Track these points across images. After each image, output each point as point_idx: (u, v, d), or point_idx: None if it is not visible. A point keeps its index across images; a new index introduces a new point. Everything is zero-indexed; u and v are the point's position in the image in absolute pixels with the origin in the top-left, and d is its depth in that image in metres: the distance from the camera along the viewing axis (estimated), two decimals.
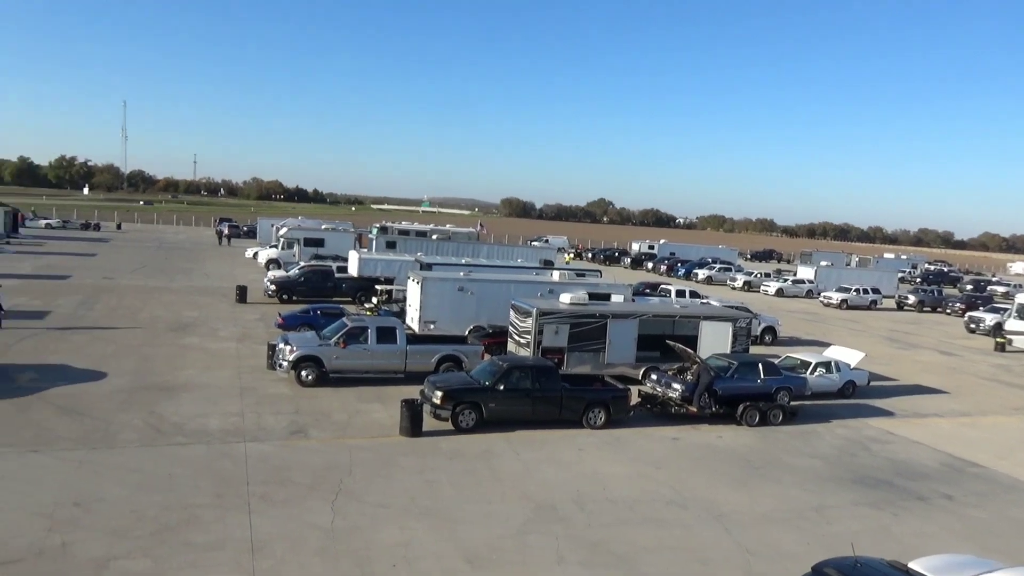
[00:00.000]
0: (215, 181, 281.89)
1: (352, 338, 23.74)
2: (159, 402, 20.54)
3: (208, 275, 50.02)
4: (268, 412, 20.41)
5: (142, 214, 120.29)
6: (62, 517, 13.29)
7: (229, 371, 24.55)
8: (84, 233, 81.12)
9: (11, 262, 49.85)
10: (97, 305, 35.29)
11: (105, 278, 44.91)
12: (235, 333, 30.84)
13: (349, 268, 42.84)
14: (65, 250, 60.35)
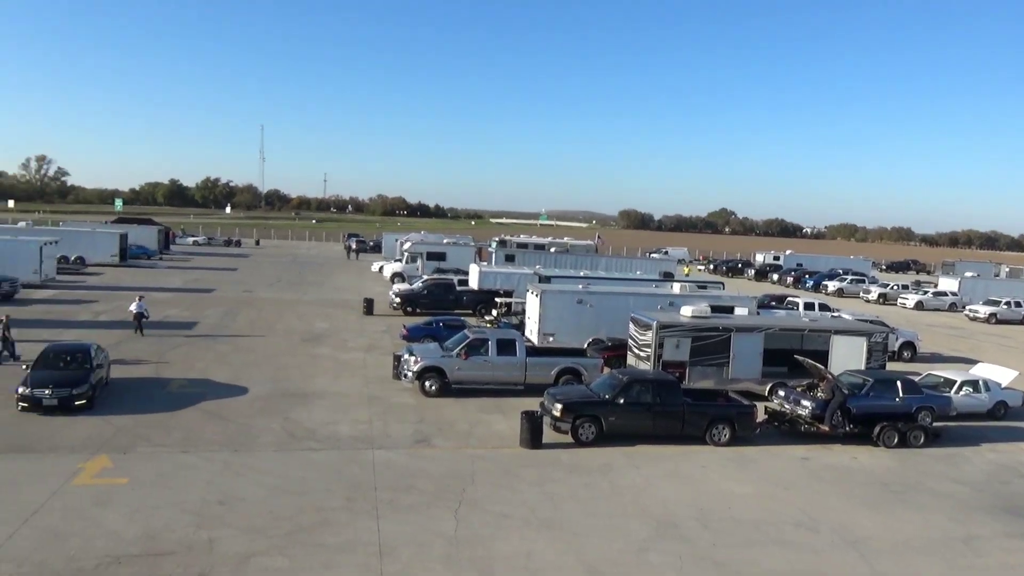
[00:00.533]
0: (343, 198, 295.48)
1: (473, 350, 24.20)
2: (294, 409, 21.69)
3: (337, 288, 52.43)
4: (394, 420, 21.12)
5: (277, 230, 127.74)
6: (208, 514, 14.27)
7: (357, 380, 25.59)
8: (226, 249, 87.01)
9: (164, 276, 54.21)
10: (238, 317, 37.74)
11: (245, 291, 47.97)
12: (363, 344, 32.13)
13: (470, 281, 43.71)
14: (210, 265, 64.94)
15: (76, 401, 19.69)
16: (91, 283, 47.76)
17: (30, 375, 20.14)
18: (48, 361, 20.99)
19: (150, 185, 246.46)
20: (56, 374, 20.22)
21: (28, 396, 19.49)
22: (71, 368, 20.71)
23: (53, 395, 19.47)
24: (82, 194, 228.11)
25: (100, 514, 13.99)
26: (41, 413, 19.33)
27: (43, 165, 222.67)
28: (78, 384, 19.95)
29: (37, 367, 20.63)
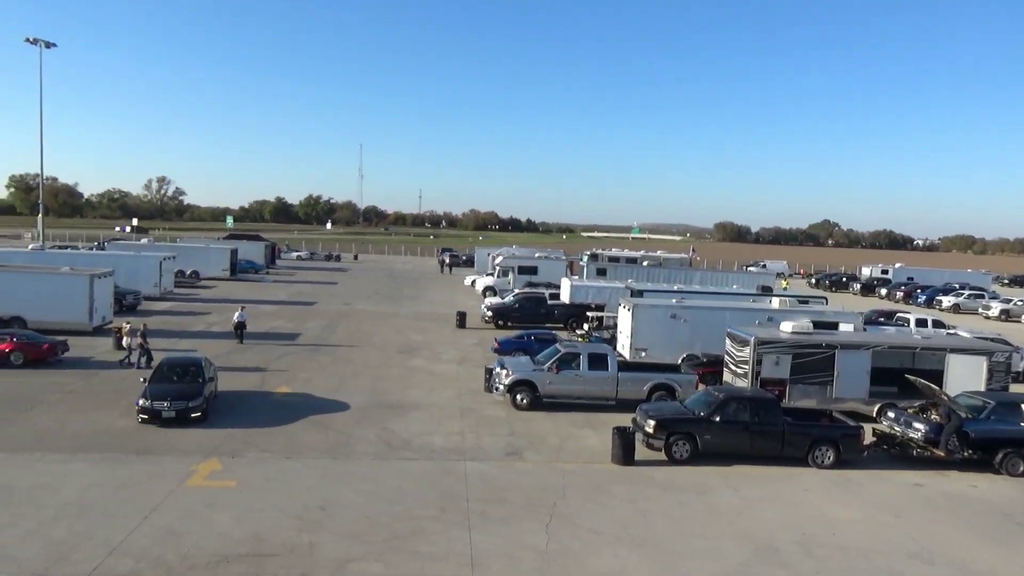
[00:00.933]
0: (437, 214, 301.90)
1: (565, 364, 24.19)
2: (390, 419, 22.24)
3: (432, 302, 53.50)
4: (486, 433, 21.33)
5: (375, 245, 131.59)
6: (310, 519, 14.80)
7: (451, 392, 26.01)
8: (327, 263, 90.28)
9: (270, 290, 56.76)
10: (338, 329, 39.06)
11: (344, 304, 49.63)
12: (456, 356, 32.65)
13: (561, 295, 43.74)
14: (312, 279, 67.53)
15: (192, 414, 20.47)
16: (204, 296, 50.52)
17: (148, 388, 20.91)
18: (164, 374, 21.82)
19: (258, 203, 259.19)
20: (172, 387, 21.03)
21: (148, 409, 20.27)
22: (185, 381, 21.54)
23: (171, 408, 20.25)
24: (197, 212, 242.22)
25: (211, 514, 14.75)
26: (159, 425, 20.14)
27: (163, 186, 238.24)
28: (193, 397, 20.74)
29: (154, 380, 21.45)
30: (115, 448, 18.42)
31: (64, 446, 18.41)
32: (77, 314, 33.31)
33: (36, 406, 21.85)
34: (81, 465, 17.14)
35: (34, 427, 19.88)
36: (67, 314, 33.17)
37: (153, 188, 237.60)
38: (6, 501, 14.91)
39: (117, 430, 19.86)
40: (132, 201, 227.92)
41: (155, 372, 22.04)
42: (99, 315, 34.16)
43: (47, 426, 20.00)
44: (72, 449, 18.21)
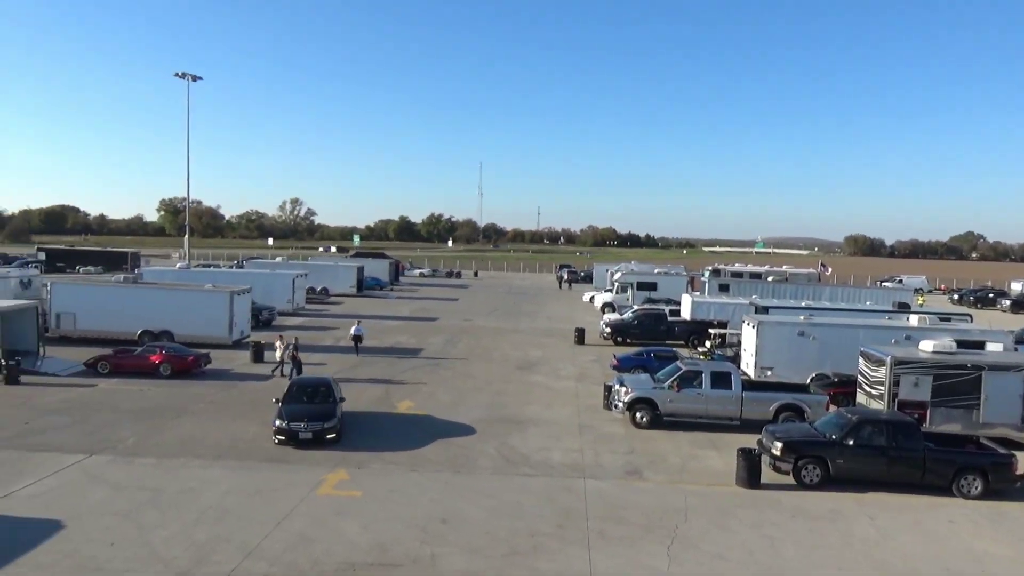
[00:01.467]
0: (556, 230, 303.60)
1: (686, 382, 23.59)
2: (510, 434, 22.41)
3: (550, 318, 53.67)
4: (605, 450, 21.08)
5: (494, 262, 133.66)
6: (432, 531, 15.09)
7: (569, 409, 25.92)
8: (448, 280, 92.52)
9: (394, 306, 58.74)
10: (459, 344, 39.86)
11: (465, 320, 50.61)
12: (574, 373, 32.54)
13: (681, 311, 42.81)
14: (433, 295, 69.36)
15: (328, 435, 20.39)
16: (333, 311, 52.89)
17: (283, 409, 20.94)
18: (296, 395, 21.92)
19: (383, 222, 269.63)
20: (307, 408, 21.07)
21: (285, 430, 20.25)
22: (317, 402, 21.67)
23: (308, 429, 20.20)
24: (326, 231, 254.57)
25: (339, 523, 15.33)
26: (295, 446, 20.12)
27: (296, 207, 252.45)
28: (329, 418, 20.71)
29: (288, 401, 21.53)
30: (251, 456, 19.51)
31: (206, 453, 19.68)
32: (218, 329, 35.67)
33: (182, 415, 23.51)
34: (221, 471, 18.26)
35: (180, 435, 21.37)
36: (209, 328, 35.60)
37: (287, 209, 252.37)
38: (155, 503, 16.08)
39: (253, 439, 21.04)
40: (268, 221, 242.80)
41: (287, 393, 22.12)
42: (238, 330, 36.44)
43: (191, 434, 21.46)
44: (213, 456, 19.43)
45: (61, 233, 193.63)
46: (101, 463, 18.60)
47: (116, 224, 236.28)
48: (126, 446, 20.03)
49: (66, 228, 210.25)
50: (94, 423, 22.13)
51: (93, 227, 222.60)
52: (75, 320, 36.13)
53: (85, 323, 36.08)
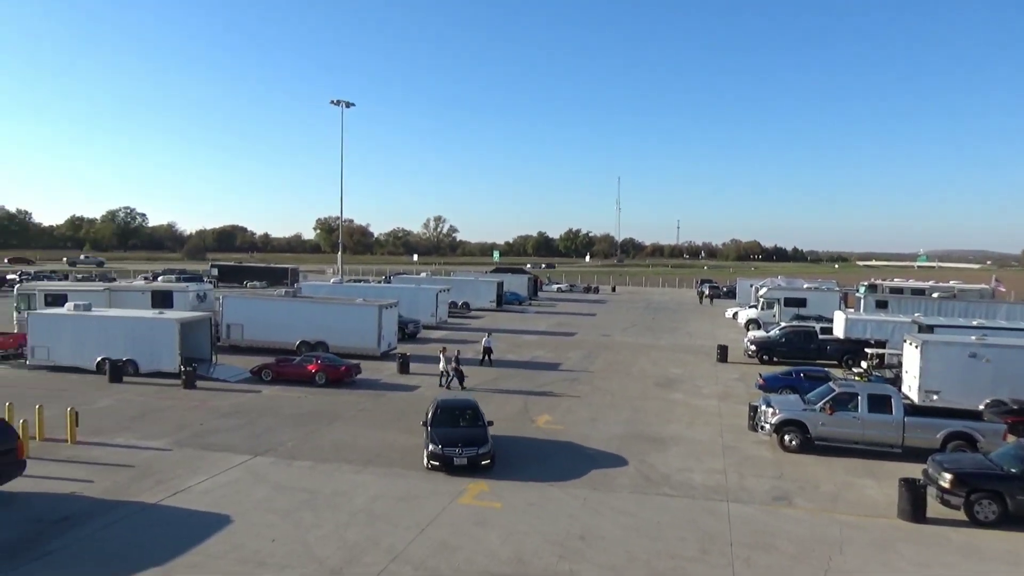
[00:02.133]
0: (696, 244, 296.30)
1: (840, 405, 22.24)
2: (649, 452, 22.00)
3: (690, 334, 52.34)
4: (750, 473, 20.23)
5: (632, 277, 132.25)
6: (570, 547, 15.05)
7: (711, 428, 25.12)
8: (586, 295, 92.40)
9: (532, 320, 59.38)
10: (597, 359, 39.67)
11: (603, 335, 50.33)
12: (716, 391, 31.52)
13: (834, 329, 40.49)
14: (571, 310, 69.49)
15: (482, 461, 19.58)
16: (474, 325, 54.18)
17: (435, 433, 20.06)
18: (444, 418, 20.98)
19: (521, 238, 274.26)
20: (459, 432, 20.21)
21: (439, 455, 19.42)
22: (465, 425, 20.82)
23: (463, 454, 19.42)
24: (467, 247, 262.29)
25: (480, 532, 15.62)
26: (449, 473, 19.32)
27: (439, 224, 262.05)
28: (483, 443, 19.85)
29: (437, 425, 20.57)
30: (397, 463, 20.29)
31: (356, 458, 20.67)
32: (368, 340, 37.48)
33: (335, 421, 24.84)
34: (370, 477, 19.12)
35: (333, 440, 22.58)
36: (360, 340, 37.48)
37: (431, 226, 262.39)
38: (311, 504, 17.06)
39: (399, 447, 21.88)
40: (413, 239, 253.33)
41: (435, 416, 21.05)
42: (385, 342, 38.11)
43: (343, 439, 22.62)
44: (363, 461, 20.38)
45: (231, 251, 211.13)
46: (264, 464, 19.99)
47: (278, 242, 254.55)
48: (286, 449, 21.43)
49: (235, 246, 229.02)
50: (258, 426, 23.83)
51: (258, 245, 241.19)
52: (243, 331, 39.15)
53: (251, 334, 39.03)
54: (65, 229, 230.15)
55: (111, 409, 25.71)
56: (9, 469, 17.01)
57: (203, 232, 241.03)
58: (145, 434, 22.57)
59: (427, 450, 19.79)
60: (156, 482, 18.23)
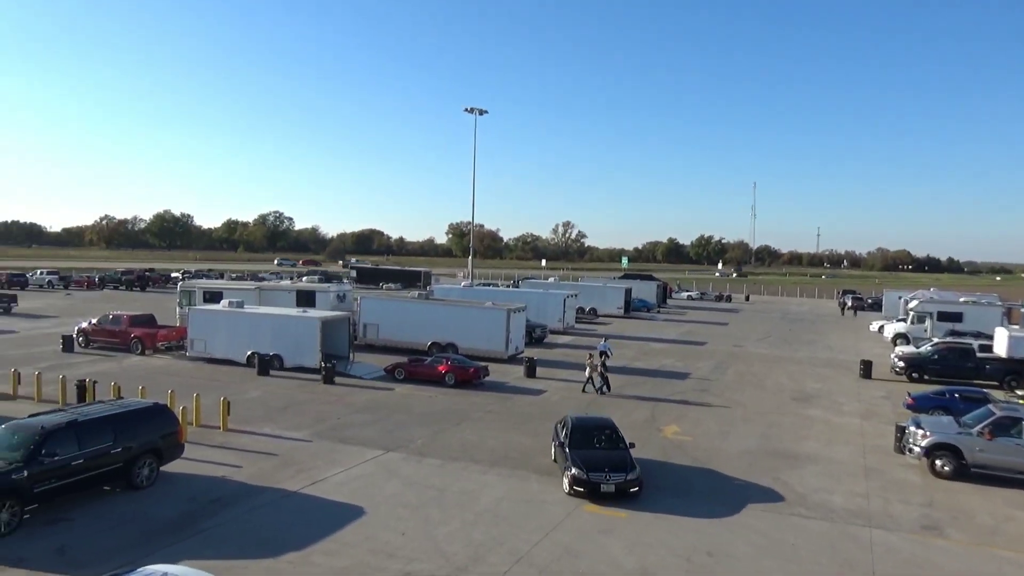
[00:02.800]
0: (838, 253, 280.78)
1: (1001, 430, 20.36)
2: (783, 470, 21.03)
3: (831, 347, 49.65)
4: (896, 499, 18.90)
5: (767, 286, 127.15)
6: (697, 562, 14.63)
7: (852, 448, 23.69)
8: (717, 304, 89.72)
9: (660, 328, 58.30)
10: (728, 370, 38.40)
11: (735, 346, 48.66)
12: (858, 409, 29.70)
13: (995, 347, 37.22)
14: (702, 319, 67.67)
15: (631, 488, 17.91)
16: (601, 331, 53.85)
17: (576, 455, 18.54)
18: (582, 439, 19.36)
19: (651, 244, 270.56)
20: (604, 455, 18.65)
21: (583, 480, 17.77)
22: (605, 446, 19.30)
23: (611, 481, 17.81)
24: (595, 253, 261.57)
25: (604, 540, 15.49)
26: (594, 501, 17.68)
27: (568, 230, 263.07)
28: (631, 468, 18.25)
29: (575, 447, 19.00)
30: (522, 466, 20.46)
31: (483, 459, 21.03)
32: (496, 343, 38.08)
33: (463, 421, 25.39)
34: (496, 478, 19.39)
35: (461, 439, 23.09)
36: (488, 343, 38.15)
37: (559, 232, 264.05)
38: (439, 501, 17.52)
39: (525, 449, 22.06)
40: (541, 243, 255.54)
41: (571, 437, 19.42)
42: (513, 345, 38.58)
43: (471, 440, 23.08)
44: (489, 462, 20.71)
45: (368, 253, 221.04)
46: (396, 459, 20.73)
47: (412, 246, 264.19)
48: (416, 446, 22.12)
49: (372, 249, 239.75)
50: (391, 423, 24.75)
51: (393, 248, 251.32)
52: (378, 330, 40.84)
53: (386, 333, 40.63)
54: (222, 231, 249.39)
55: (258, 400, 27.50)
56: (171, 451, 18.58)
57: (343, 235, 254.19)
58: (288, 425, 23.98)
59: (568, 474, 18.12)
60: (297, 471, 19.32)
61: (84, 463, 16.28)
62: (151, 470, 17.88)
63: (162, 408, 18.96)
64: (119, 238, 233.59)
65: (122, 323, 38.23)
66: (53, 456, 15.69)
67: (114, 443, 16.98)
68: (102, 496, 16.99)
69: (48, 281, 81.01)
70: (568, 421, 20.56)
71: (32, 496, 15.25)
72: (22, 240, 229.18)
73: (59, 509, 15.98)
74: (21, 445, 15.60)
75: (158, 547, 14.30)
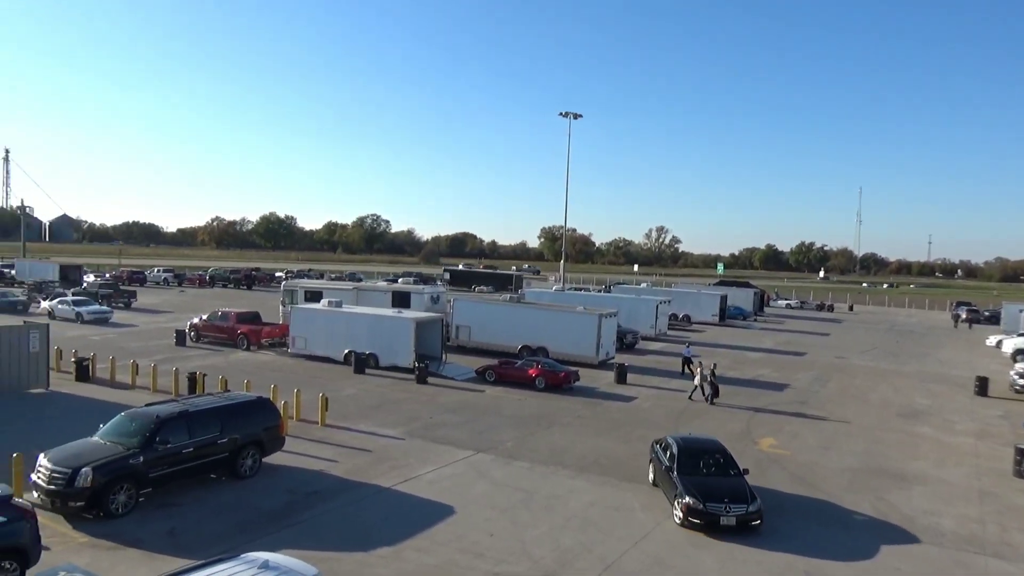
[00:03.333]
0: (951, 262, 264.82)
1: None
2: (888, 489, 20.00)
3: (942, 362, 46.89)
4: (1014, 526, 17.64)
5: (873, 296, 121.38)
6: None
7: (965, 469, 22.28)
8: (818, 313, 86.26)
9: (756, 337, 56.56)
10: (829, 383, 36.84)
11: (837, 357, 46.65)
12: (973, 428, 27.91)
13: None
14: (801, 328, 65.22)
15: (752, 520, 16.30)
16: (694, 338, 52.74)
17: (687, 482, 16.75)
18: (691, 465, 17.52)
19: (747, 250, 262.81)
20: (717, 482, 16.90)
21: (699, 511, 16.16)
22: (718, 473, 17.46)
23: (731, 513, 16.13)
24: (689, 259, 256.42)
25: (695, 554, 15.13)
26: (710, 534, 16.11)
27: (661, 234, 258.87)
28: (752, 499, 16.54)
29: (684, 472, 17.24)
30: (612, 473, 20.25)
31: (572, 464, 20.94)
32: (587, 348, 37.87)
33: (552, 425, 25.37)
34: (585, 483, 19.27)
35: (550, 443, 23.08)
36: (578, 348, 37.98)
37: (652, 237, 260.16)
38: (528, 505, 17.55)
39: (615, 456, 21.84)
40: (634, 248, 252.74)
41: (679, 461, 17.61)
42: (603, 351, 38.27)
43: (560, 444, 23.03)
44: (578, 468, 20.60)
45: (461, 256, 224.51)
46: (485, 461, 20.92)
47: (504, 249, 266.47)
48: (505, 448, 22.26)
49: (465, 252, 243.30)
50: (481, 424, 25.01)
51: (486, 251, 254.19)
52: (470, 332, 41.36)
53: (477, 335, 41.11)
54: (322, 233, 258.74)
55: (354, 397, 28.34)
56: (273, 444, 19.39)
57: (438, 238, 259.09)
58: (382, 422, 24.60)
59: (680, 503, 16.52)
60: (390, 468, 19.79)
61: (194, 451, 17.21)
62: (254, 461, 18.70)
63: (266, 402, 19.83)
64: (228, 238, 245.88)
65: (230, 320, 40.20)
66: (166, 444, 16.65)
67: (221, 433, 17.87)
68: (208, 484, 17.89)
69: (164, 279, 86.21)
70: (672, 443, 18.53)
71: (147, 481, 16.23)
72: (142, 240, 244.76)
73: (170, 494, 16.94)
74: (138, 432, 16.64)
75: (259, 535, 14.94)
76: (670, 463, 17.81)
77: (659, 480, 18.66)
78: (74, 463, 15.48)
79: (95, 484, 15.26)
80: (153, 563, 13.45)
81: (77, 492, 15.18)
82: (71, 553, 13.77)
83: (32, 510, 12.83)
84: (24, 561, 12.25)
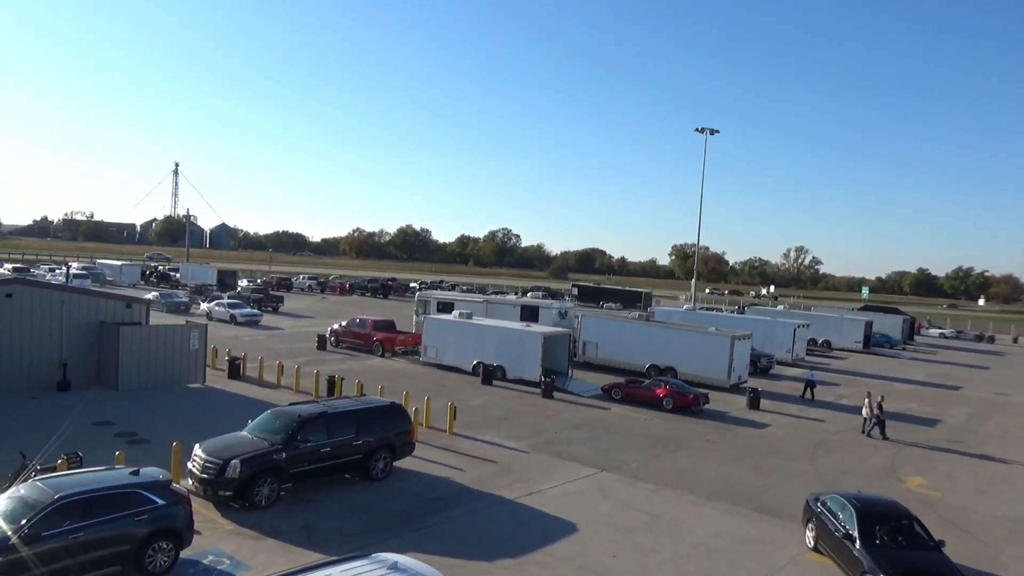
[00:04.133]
0: None
1: None
2: None
3: None
4: None
5: None
6: None
7: None
8: (976, 344, 79.53)
9: (905, 367, 52.79)
10: (988, 421, 33.81)
11: (997, 393, 42.76)
12: None
13: None
14: (956, 360, 60.33)
15: None
16: (834, 366, 49.98)
17: (878, 557, 13.88)
18: (874, 532, 14.61)
19: (897, 274, 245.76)
20: (915, 559, 14.06)
21: None
22: (907, 544, 14.57)
23: None
24: (831, 281, 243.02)
25: None
26: None
27: (800, 255, 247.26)
28: None
29: (871, 544, 14.37)
30: (742, 503, 19.47)
31: (699, 490, 20.31)
32: (718, 371, 36.70)
33: (679, 448, 24.74)
34: (712, 511, 18.63)
35: (677, 467, 22.50)
36: (709, 370, 36.87)
37: (791, 257, 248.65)
38: (652, 527, 17.18)
39: (745, 485, 21.00)
40: (770, 269, 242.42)
41: (862, 529, 14.65)
42: (736, 374, 36.94)
43: (687, 468, 22.41)
44: (706, 494, 19.95)
45: (590, 272, 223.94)
46: (609, 480, 20.69)
47: (633, 266, 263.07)
48: (630, 468, 21.92)
49: (594, 268, 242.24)
50: (606, 442, 24.76)
51: (615, 268, 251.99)
52: (597, 349, 41.15)
53: (604, 352, 40.83)
54: (455, 246, 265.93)
55: (481, 408, 28.83)
56: (404, 448, 20.05)
57: (567, 253, 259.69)
58: (507, 434, 24.87)
59: None
60: (514, 480, 19.96)
61: (331, 451, 18.09)
62: (386, 464, 19.41)
63: (398, 407, 20.55)
64: (367, 249, 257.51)
65: (367, 327, 42.05)
66: (307, 442, 17.60)
67: (356, 435, 18.68)
68: (342, 483, 18.73)
69: (308, 285, 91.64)
70: (846, 503, 15.62)
71: (288, 476, 17.21)
72: (290, 248, 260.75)
73: (307, 490, 17.87)
74: (282, 429, 17.70)
75: (387, 536, 15.47)
76: (850, 530, 14.86)
77: (826, 547, 15.76)
78: (225, 455, 16.65)
79: (242, 476, 16.34)
80: (290, 554, 14.21)
81: (226, 482, 16.31)
82: (219, 539, 14.80)
83: (188, 496, 13.93)
84: (179, 542, 13.29)
